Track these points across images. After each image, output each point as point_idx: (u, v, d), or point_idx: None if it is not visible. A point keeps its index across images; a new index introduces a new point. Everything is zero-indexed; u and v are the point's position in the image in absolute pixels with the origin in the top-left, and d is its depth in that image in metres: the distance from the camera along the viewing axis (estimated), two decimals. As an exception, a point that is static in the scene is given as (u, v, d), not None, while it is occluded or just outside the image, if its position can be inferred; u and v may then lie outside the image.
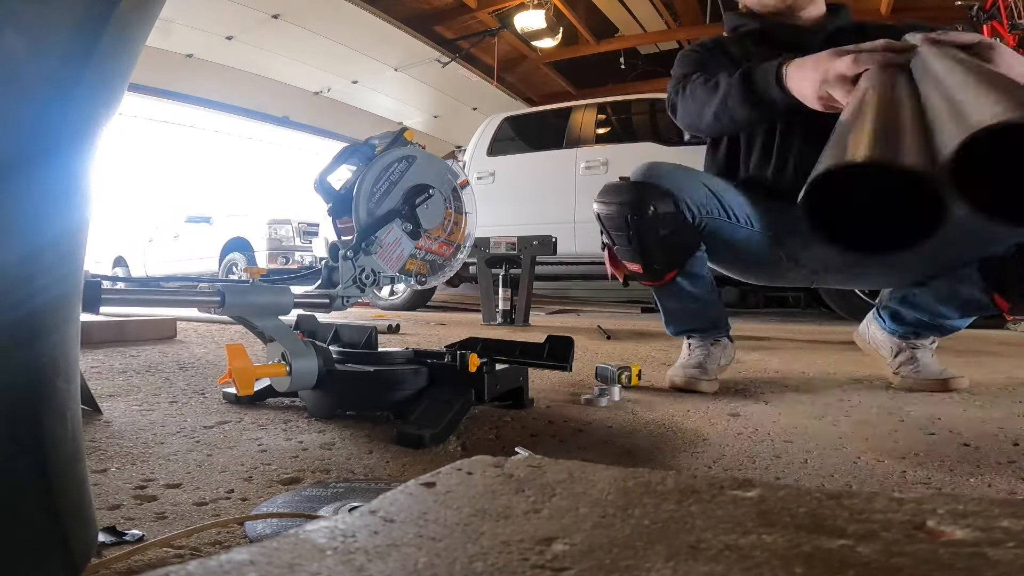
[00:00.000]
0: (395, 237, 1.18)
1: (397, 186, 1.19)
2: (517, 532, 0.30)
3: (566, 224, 4.53)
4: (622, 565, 0.26)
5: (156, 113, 7.76)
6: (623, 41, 7.24)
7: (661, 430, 1.04)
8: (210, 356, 1.91)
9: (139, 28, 0.42)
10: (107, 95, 0.40)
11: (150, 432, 0.96)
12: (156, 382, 1.43)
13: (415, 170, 1.21)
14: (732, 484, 0.36)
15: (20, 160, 0.36)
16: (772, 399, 1.30)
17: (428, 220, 1.21)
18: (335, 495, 0.66)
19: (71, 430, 0.42)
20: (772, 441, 0.96)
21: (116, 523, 0.59)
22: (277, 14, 6.37)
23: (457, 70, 7.56)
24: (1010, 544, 0.27)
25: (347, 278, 1.12)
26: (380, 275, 1.16)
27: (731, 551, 0.27)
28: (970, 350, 2.30)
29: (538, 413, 1.15)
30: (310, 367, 1.02)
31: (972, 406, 1.24)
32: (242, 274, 6.30)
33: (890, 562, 0.26)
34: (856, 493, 0.34)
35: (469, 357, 1.02)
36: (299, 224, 6.78)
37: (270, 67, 7.45)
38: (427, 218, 1.22)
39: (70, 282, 0.42)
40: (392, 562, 0.27)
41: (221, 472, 0.77)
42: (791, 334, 2.97)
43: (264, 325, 1.03)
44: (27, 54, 0.34)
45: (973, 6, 3.85)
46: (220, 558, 0.26)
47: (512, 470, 0.40)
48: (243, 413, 1.11)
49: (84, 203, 0.41)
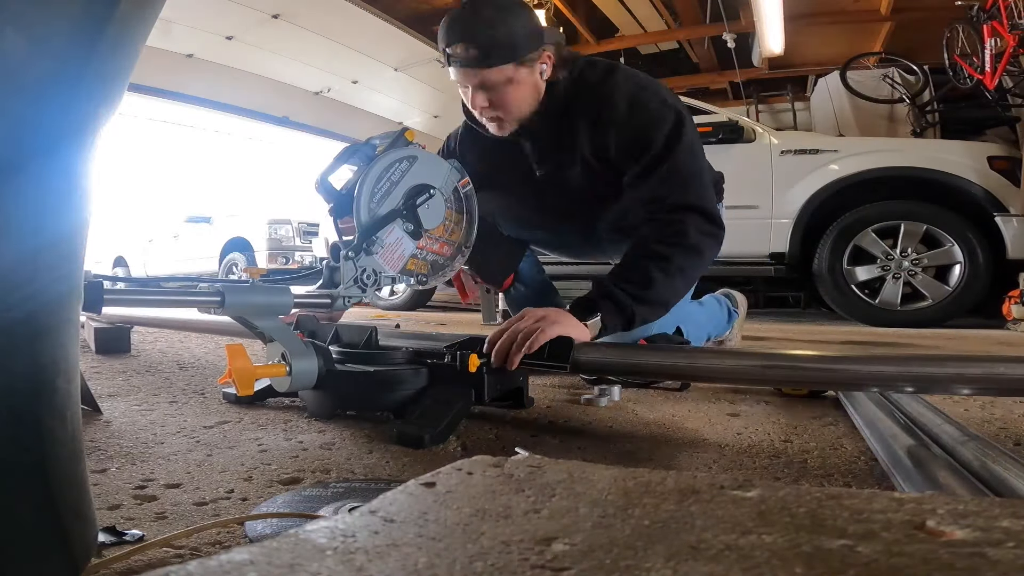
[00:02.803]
0: (396, 237, 1.18)
1: (398, 186, 1.18)
2: (517, 532, 0.30)
3: (566, 224, 4.52)
4: (622, 565, 0.26)
5: (156, 113, 7.75)
6: (623, 41, 7.23)
7: (661, 430, 1.04)
8: (210, 356, 1.91)
9: (139, 28, 0.41)
10: (107, 94, 0.40)
11: (150, 432, 0.96)
12: (156, 382, 1.43)
13: (416, 170, 1.21)
14: (732, 484, 0.36)
15: (20, 160, 0.36)
16: (772, 399, 1.30)
17: (429, 220, 1.21)
18: (335, 495, 0.66)
19: (71, 430, 0.42)
20: (772, 441, 0.96)
21: (116, 523, 0.59)
22: (277, 14, 6.37)
23: (457, 70, 7.55)
24: (1010, 544, 0.27)
25: (348, 278, 1.12)
26: (381, 275, 1.16)
27: (731, 551, 0.27)
28: (971, 350, 2.30)
29: (538, 413, 1.15)
30: (310, 367, 1.02)
31: (973, 406, 1.24)
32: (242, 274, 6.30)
33: (890, 562, 0.26)
34: (856, 493, 0.34)
35: (469, 357, 1.02)
36: (299, 224, 6.78)
37: (270, 67, 7.43)
38: (428, 218, 1.21)
39: (70, 282, 0.42)
40: (392, 562, 0.27)
41: (221, 472, 0.77)
42: (791, 334, 2.97)
43: (264, 325, 1.03)
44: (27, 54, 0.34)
45: (973, 6, 3.85)
46: (220, 558, 0.26)
47: (512, 470, 0.40)
48: (243, 413, 1.11)
49: (84, 203, 0.41)
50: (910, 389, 0.81)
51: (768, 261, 3.61)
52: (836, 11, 6.01)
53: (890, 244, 3.37)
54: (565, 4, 6.32)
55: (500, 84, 1.20)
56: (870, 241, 3.40)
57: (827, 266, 3.45)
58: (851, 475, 0.80)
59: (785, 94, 5.93)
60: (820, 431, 1.03)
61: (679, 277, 1.16)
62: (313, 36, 6.76)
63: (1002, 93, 3.78)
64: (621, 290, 1.12)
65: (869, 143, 3.64)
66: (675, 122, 1.22)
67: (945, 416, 0.86)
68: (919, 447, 0.75)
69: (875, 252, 3.39)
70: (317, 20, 6.48)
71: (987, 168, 3.29)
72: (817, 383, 1.11)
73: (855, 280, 3.43)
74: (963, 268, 3.26)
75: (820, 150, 3.55)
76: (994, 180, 3.27)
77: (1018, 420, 1.12)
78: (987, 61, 3.75)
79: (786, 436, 0.99)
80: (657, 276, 1.13)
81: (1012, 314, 3.31)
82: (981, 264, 3.23)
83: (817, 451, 0.91)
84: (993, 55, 3.72)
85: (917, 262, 3.33)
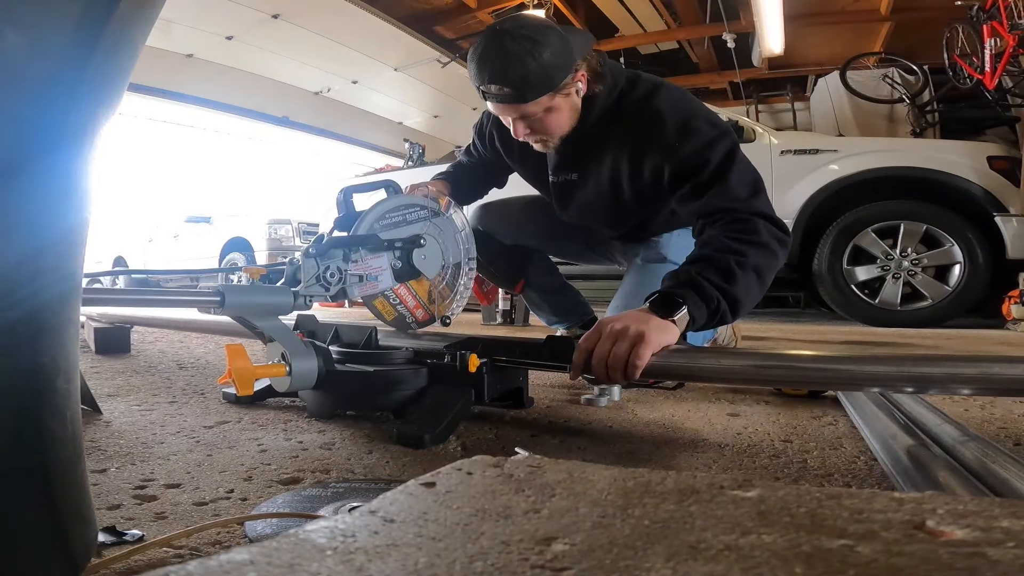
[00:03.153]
0: (379, 264, 1.19)
1: (409, 226, 1.23)
2: (517, 532, 0.30)
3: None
4: (622, 565, 0.26)
5: (156, 113, 7.74)
6: (623, 41, 7.23)
7: (661, 430, 1.04)
8: (210, 356, 1.91)
9: (139, 28, 0.41)
10: (107, 95, 0.40)
11: (150, 432, 0.96)
12: (156, 382, 1.43)
13: (433, 227, 1.26)
14: (732, 484, 0.36)
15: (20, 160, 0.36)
16: (772, 399, 1.30)
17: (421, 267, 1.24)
18: (335, 495, 0.66)
19: (71, 430, 0.42)
20: (772, 441, 0.96)
21: (116, 523, 0.59)
22: (277, 14, 6.37)
23: (457, 70, 7.55)
24: (1010, 544, 0.27)
25: (310, 276, 1.09)
26: (347, 273, 1.13)
27: (731, 551, 0.27)
28: (971, 350, 2.30)
29: (538, 413, 1.15)
30: (310, 367, 1.02)
31: (973, 406, 1.24)
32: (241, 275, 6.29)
33: (890, 562, 0.26)
34: (856, 493, 0.34)
35: (469, 357, 1.02)
36: (299, 224, 6.78)
37: (270, 67, 7.43)
38: (421, 266, 1.24)
39: (70, 282, 0.42)
40: (392, 562, 0.27)
41: (221, 472, 0.77)
42: (791, 334, 2.97)
43: (264, 325, 1.03)
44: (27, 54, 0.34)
45: (973, 6, 3.85)
46: (220, 558, 0.26)
47: (512, 470, 0.40)
48: (243, 413, 1.11)
49: (84, 203, 0.41)
50: (908, 389, 0.81)
51: (768, 261, 3.60)
52: (836, 11, 6.01)
53: (890, 244, 3.37)
54: (565, 4, 6.32)
55: (539, 113, 1.21)
56: (870, 241, 3.40)
57: (827, 266, 3.45)
58: (851, 475, 0.80)
59: (785, 94, 5.93)
60: (820, 431, 1.03)
61: (755, 275, 1.06)
62: (313, 36, 6.76)
63: (1002, 93, 3.78)
64: (707, 280, 1.00)
65: (869, 143, 3.64)
66: (727, 143, 1.19)
67: (945, 416, 0.86)
68: (919, 447, 0.75)
69: (875, 252, 3.40)
70: (317, 20, 6.48)
71: (987, 168, 3.29)
72: (816, 383, 1.11)
73: (855, 280, 3.43)
74: (963, 268, 3.26)
75: (820, 150, 3.55)
76: (994, 180, 3.27)
77: (1018, 420, 1.12)
78: (987, 61, 3.75)
79: (786, 436, 0.99)
80: (736, 270, 1.03)
81: (1012, 314, 3.31)
82: (981, 264, 3.23)
83: (817, 451, 0.91)
84: (993, 55, 3.72)
85: (917, 262, 3.33)
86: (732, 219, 1.11)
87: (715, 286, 1.00)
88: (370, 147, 9.30)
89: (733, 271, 1.02)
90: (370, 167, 7.61)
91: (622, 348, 0.89)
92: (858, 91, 4.43)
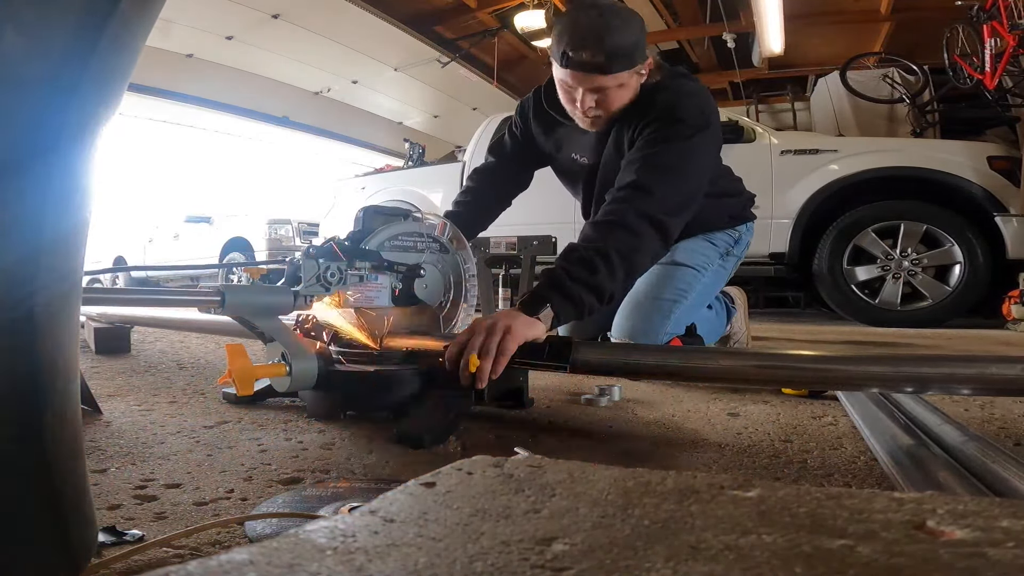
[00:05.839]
0: (380, 283, 1.19)
1: (416, 253, 1.24)
2: (517, 532, 0.30)
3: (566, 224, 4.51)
4: (622, 565, 0.26)
5: (156, 113, 7.74)
6: (623, 41, 7.24)
7: (661, 430, 1.04)
8: (210, 356, 1.91)
9: (139, 28, 0.41)
10: (107, 94, 0.40)
11: (150, 432, 0.96)
12: (156, 382, 1.43)
13: (441, 258, 1.28)
14: (732, 484, 0.36)
15: (20, 160, 0.36)
16: (772, 399, 1.30)
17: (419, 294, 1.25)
18: (335, 495, 0.66)
19: (71, 430, 0.42)
20: (772, 441, 0.96)
21: (116, 523, 0.59)
22: (277, 14, 6.37)
23: (457, 70, 7.56)
24: (1010, 544, 0.27)
25: (310, 275, 1.09)
26: (347, 272, 1.13)
27: (731, 551, 0.27)
28: (971, 350, 2.30)
29: (538, 413, 1.15)
30: (310, 367, 1.02)
31: (973, 406, 1.24)
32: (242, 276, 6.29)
33: (890, 562, 0.26)
34: (856, 493, 0.34)
35: (469, 357, 1.02)
36: (299, 224, 6.78)
37: (270, 67, 7.44)
38: (420, 294, 1.24)
39: (70, 282, 0.42)
40: (392, 562, 0.27)
41: (221, 472, 0.77)
42: (790, 334, 2.97)
43: (264, 325, 1.03)
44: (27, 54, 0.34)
45: (973, 6, 3.85)
46: (220, 558, 0.26)
47: (512, 470, 0.40)
48: (243, 413, 1.11)
49: (84, 203, 0.41)
50: (908, 389, 0.81)
51: (768, 261, 3.61)
52: (836, 11, 6.02)
53: (890, 244, 3.37)
54: (565, 4, 6.32)
55: (612, 87, 1.25)
56: (870, 241, 3.40)
57: (827, 266, 3.45)
58: (851, 475, 0.80)
59: (785, 94, 5.93)
60: (820, 431, 1.03)
61: (619, 258, 1.12)
62: (313, 36, 6.77)
63: (1002, 93, 3.78)
64: (572, 279, 1.08)
65: (869, 143, 3.64)
66: (695, 125, 1.22)
67: (945, 416, 0.86)
68: (919, 447, 0.75)
69: (875, 252, 3.40)
70: (317, 20, 6.49)
71: (987, 168, 3.29)
72: (815, 383, 1.11)
73: (855, 280, 3.43)
74: (963, 268, 3.26)
75: (820, 150, 3.55)
76: (994, 180, 3.27)
77: (1018, 420, 1.12)
78: (987, 61, 3.75)
79: (786, 436, 0.99)
80: (597, 261, 1.10)
81: (1012, 314, 3.31)
82: (981, 264, 3.23)
83: (817, 451, 0.91)
84: (993, 55, 3.72)
85: (917, 262, 3.34)
86: (611, 199, 1.18)
87: (580, 282, 1.08)
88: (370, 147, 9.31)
89: (594, 262, 1.10)
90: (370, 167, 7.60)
91: (492, 340, 0.98)
92: (858, 91, 4.43)
